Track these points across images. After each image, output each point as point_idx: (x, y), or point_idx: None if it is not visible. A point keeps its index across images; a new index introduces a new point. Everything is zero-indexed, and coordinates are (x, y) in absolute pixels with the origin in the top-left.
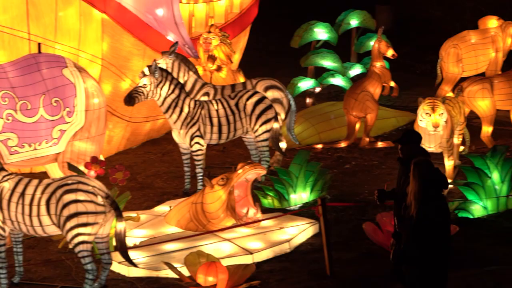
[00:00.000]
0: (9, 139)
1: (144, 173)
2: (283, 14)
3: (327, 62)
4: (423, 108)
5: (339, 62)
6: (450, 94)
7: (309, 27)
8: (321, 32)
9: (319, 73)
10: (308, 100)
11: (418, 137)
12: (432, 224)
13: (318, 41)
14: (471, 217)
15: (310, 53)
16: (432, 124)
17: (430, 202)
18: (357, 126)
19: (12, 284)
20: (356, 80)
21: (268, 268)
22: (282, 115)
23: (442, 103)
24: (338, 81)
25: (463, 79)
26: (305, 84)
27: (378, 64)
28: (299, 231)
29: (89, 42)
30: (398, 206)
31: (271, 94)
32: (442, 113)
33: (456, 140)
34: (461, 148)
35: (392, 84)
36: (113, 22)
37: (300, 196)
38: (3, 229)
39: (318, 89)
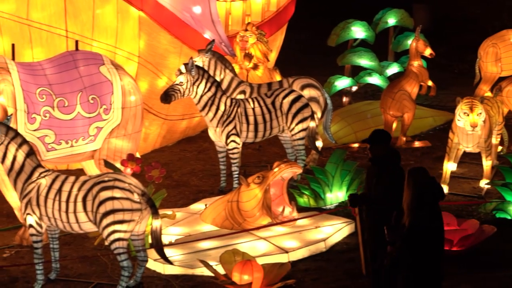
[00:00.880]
0: (46, 136)
1: (180, 171)
2: (320, 12)
3: (364, 60)
4: (461, 108)
5: (376, 61)
6: (489, 94)
7: (346, 25)
8: (358, 31)
9: (356, 71)
10: (344, 99)
11: (386, 137)
12: (427, 230)
13: (355, 39)
14: (509, 217)
15: (347, 52)
16: (470, 123)
17: (425, 208)
18: (394, 125)
19: (49, 280)
20: (393, 79)
21: (303, 267)
22: (318, 114)
23: (481, 102)
24: (375, 80)
25: (501, 79)
26: (342, 82)
27: (416, 63)
28: (335, 230)
29: (126, 39)
30: (369, 209)
31: (307, 92)
32: (480, 113)
33: (494, 140)
34: (499, 148)
35: (430, 83)
36: (150, 20)
37: (336, 195)
38: (40, 226)
39: (354, 88)
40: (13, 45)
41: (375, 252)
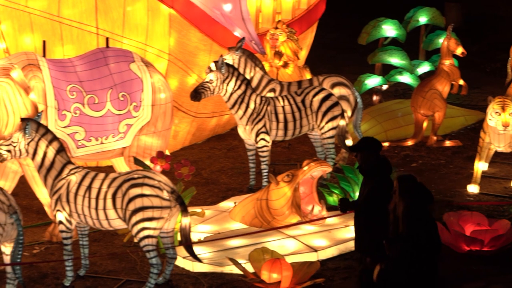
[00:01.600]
0: (76, 132)
1: (209, 169)
2: (350, 10)
3: (395, 59)
4: (493, 107)
5: (407, 60)
6: None
7: (377, 24)
8: (389, 29)
9: (387, 70)
10: (375, 98)
11: (375, 144)
12: (422, 236)
13: (386, 38)
14: None
15: (378, 50)
16: (502, 123)
17: (417, 214)
18: (425, 124)
19: (78, 277)
20: (424, 78)
21: (332, 266)
22: (348, 112)
23: None
24: (405, 78)
25: None
26: (372, 81)
27: (447, 62)
28: None
29: (157, 37)
30: (358, 216)
31: (337, 91)
32: None
33: None
34: None
35: (461, 82)
36: (180, 17)
37: None
38: (70, 222)
39: (385, 87)
40: (44, 42)
41: (359, 258)
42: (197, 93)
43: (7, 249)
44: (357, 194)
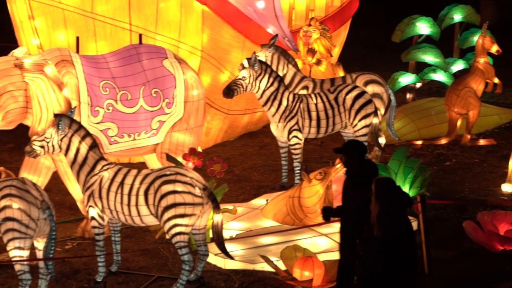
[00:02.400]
0: (109, 129)
1: (241, 166)
2: (384, 8)
3: (429, 57)
4: None
5: (441, 57)
6: None
7: (411, 21)
8: (423, 27)
9: (421, 68)
10: (408, 96)
11: (358, 148)
12: (399, 240)
13: (420, 35)
14: None
15: (412, 48)
16: None
17: (395, 218)
18: (459, 122)
19: (110, 273)
20: (458, 76)
21: None
22: (381, 110)
23: None
24: (439, 76)
25: None
26: (406, 79)
27: (482, 60)
28: None
29: (189, 33)
30: (344, 223)
31: (371, 88)
32: None
33: None
34: None
35: (496, 80)
36: (213, 14)
37: None
38: (102, 218)
39: (419, 85)
40: (77, 38)
41: (350, 265)
42: (230, 90)
43: (40, 244)
44: None
